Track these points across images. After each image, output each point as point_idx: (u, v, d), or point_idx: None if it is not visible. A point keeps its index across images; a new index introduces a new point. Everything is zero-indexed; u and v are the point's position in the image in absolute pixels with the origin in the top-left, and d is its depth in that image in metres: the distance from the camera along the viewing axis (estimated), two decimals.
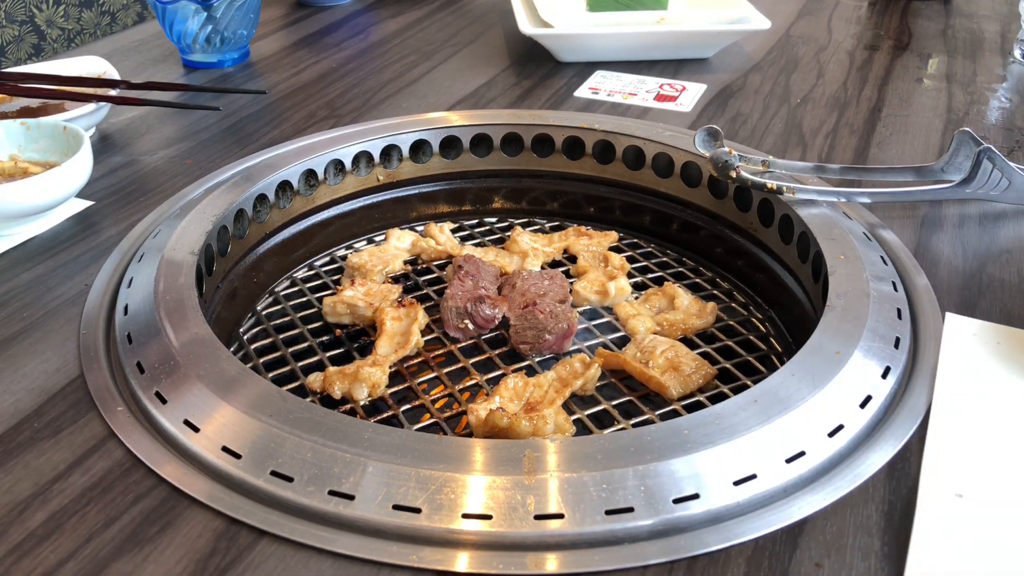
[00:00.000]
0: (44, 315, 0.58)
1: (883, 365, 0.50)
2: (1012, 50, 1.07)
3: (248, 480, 0.43)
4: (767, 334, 0.66)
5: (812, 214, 0.63)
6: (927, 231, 0.66)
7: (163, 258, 0.58)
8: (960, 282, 0.60)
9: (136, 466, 0.45)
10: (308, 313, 0.66)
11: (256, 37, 1.11)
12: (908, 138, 0.83)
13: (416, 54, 1.06)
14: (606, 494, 0.40)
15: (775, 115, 0.87)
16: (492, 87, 0.94)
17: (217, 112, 0.87)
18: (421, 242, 0.73)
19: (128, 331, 0.54)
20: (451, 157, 0.80)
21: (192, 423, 0.46)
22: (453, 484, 0.41)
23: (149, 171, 0.77)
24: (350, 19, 1.21)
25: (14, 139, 0.73)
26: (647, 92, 0.92)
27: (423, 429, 0.53)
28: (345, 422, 0.44)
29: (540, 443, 0.43)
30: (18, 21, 1.55)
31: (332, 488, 0.41)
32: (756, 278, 0.70)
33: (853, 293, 0.54)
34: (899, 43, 1.10)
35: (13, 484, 0.44)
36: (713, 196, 0.73)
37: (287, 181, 0.71)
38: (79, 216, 0.70)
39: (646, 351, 0.58)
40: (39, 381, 0.52)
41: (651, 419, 0.53)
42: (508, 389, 0.55)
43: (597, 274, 0.68)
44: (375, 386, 0.55)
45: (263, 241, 0.71)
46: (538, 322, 0.60)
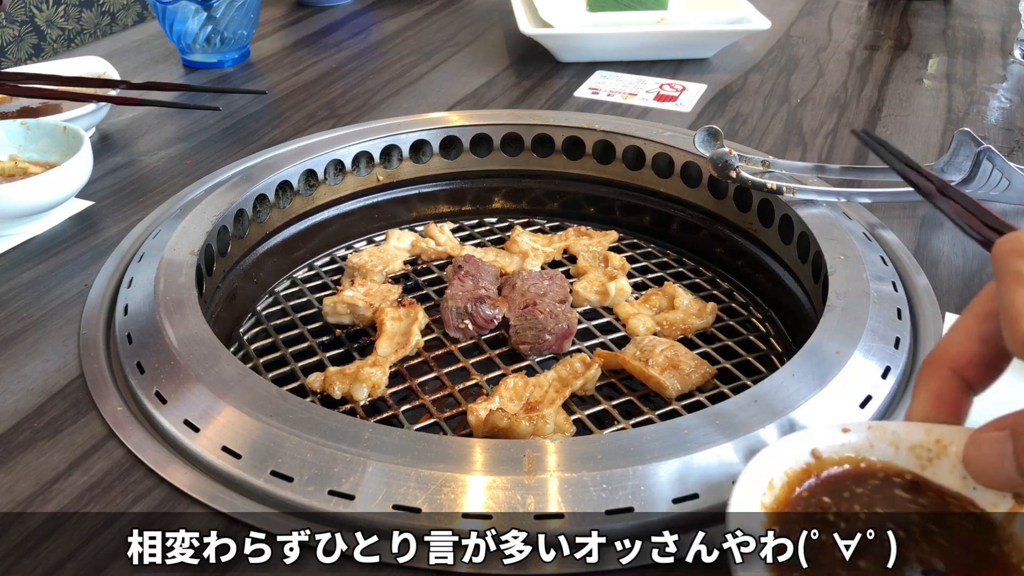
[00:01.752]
0: (44, 315, 0.58)
1: (883, 365, 0.50)
2: (1012, 50, 1.07)
3: (248, 480, 0.43)
4: (767, 334, 0.66)
5: (812, 214, 0.63)
6: (927, 231, 0.66)
7: (163, 258, 0.58)
8: (960, 282, 0.60)
9: (136, 466, 0.45)
10: (308, 313, 0.66)
11: (256, 37, 1.11)
12: (908, 138, 0.83)
13: (416, 54, 1.06)
14: (606, 494, 0.40)
15: (775, 115, 0.87)
16: (492, 87, 0.94)
17: (217, 112, 0.87)
18: (421, 242, 0.73)
19: (128, 331, 0.54)
20: (451, 157, 0.80)
21: (192, 423, 0.46)
22: (453, 484, 0.41)
23: (149, 171, 0.77)
24: (350, 19, 1.21)
25: (14, 139, 0.73)
26: (647, 92, 0.92)
27: (423, 429, 0.53)
28: (345, 422, 0.44)
29: (540, 443, 0.43)
30: (18, 21, 1.55)
31: (332, 488, 0.41)
32: (756, 278, 0.70)
33: (853, 293, 0.54)
34: (899, 43, 1.10)
35: (13, 484, 0.44)
36: (713, 196, 0.73)
37: (287, 181, 0.71)
38: (79, 216, 0.70)
39: (645, 351, 0.58)
40: (39, 381, 0.52)
41: (651, 419, 0.53)
42: (508, 389, 0.55)
43: (597, 274, 0.68)
44: (375, 386, 0.55)
45: (263, 241, 0.71)
46: (538, 322, 0.60)
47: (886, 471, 0.38)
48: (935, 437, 0.37)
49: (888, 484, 0.37)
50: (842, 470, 0.38)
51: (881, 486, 0.37)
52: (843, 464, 0.38)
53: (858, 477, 0.37)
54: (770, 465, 0.37)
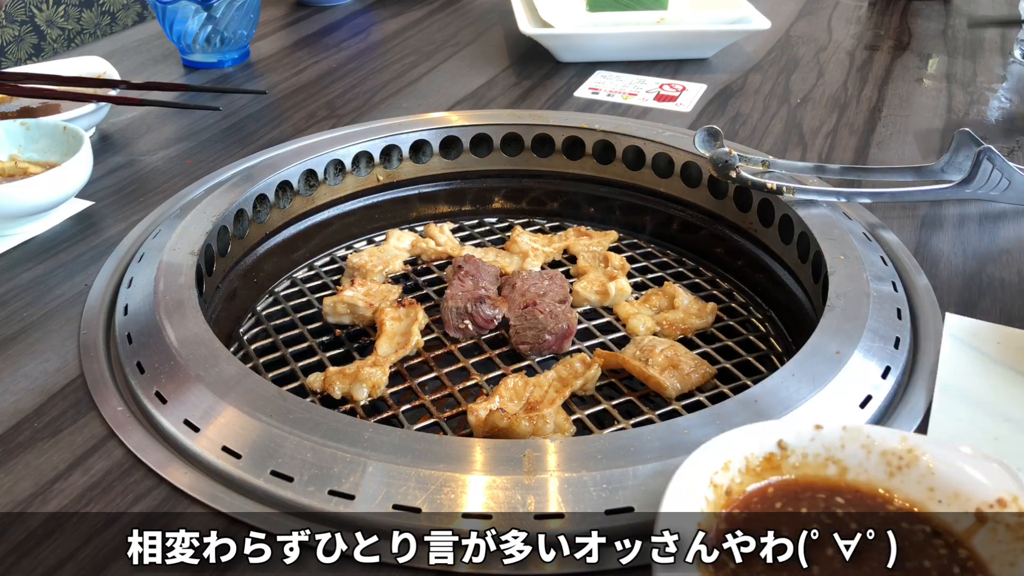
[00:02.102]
0: (44, 315, 0.58)
1: (883, 365, 0.50)
2: (1012, 50, 1.07)
3: (248, 480, 0.43)
4: (767, 334, 0.66)
5: (812, 214, 0.63)
6: (927, 231, 0.66)
7: (163, 258, 0.58)
8: (960, 282, 0.60)
9: (136, 466, 0.45)
10: (308, 313, 0.66)
11: (256, 37, 1.11)
12: (908, 138, 0.83)
13: (416, 54, 1.06)
14: (606, 494, 0.40)
15: (775, 115, 0.87)
16: (492, 87, 0.94)
17: (217, 112, 0.87)
18: (421, 242, 0.73)
19: (128, 331, 0.54)
20: (451, 157, 0.80)
21: (192, 423, 0.46)
22: (453, 484, 0.41)
23: (149, 171, 0.77)
24: (350, 19, 1.21)
25: (14, 139, 0.73)
26: (647, 92, 0.92)
27: (423, 429, 0.53)
28: (345, 422, 0.44)
29: (540, 443, 0.43)
30: (18, 21, 1.55)
31: (332, 488, 0.41)
32: (756, 278, 0.70)
33: (853, 293, 0.54)
34: (899, 43, 1.10)
35: (13, 484, 0.44)
36: (713, 196, 0.73)
37: (287, 181, 0.71)
38: (79, 216, 0.70)
39: (645, 351, 0.58)
40: (39, 381, 0.52)
41: (651, 419, 0.53)
42: (508, 389, 0.55)
43: (597, 274, 0.68)
44: (375, 386, 0.55)
45: (263, 241, 0.71)
46: (538, 322, 0.60)
47: (856, 485, 0.37)
48: (909, 446, 0.37)
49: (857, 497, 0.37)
50: (806, 477, 0.37)
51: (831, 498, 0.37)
52: (815, 466, 0.37)
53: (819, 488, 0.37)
54: (733, 447, 0.37)
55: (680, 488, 0.35)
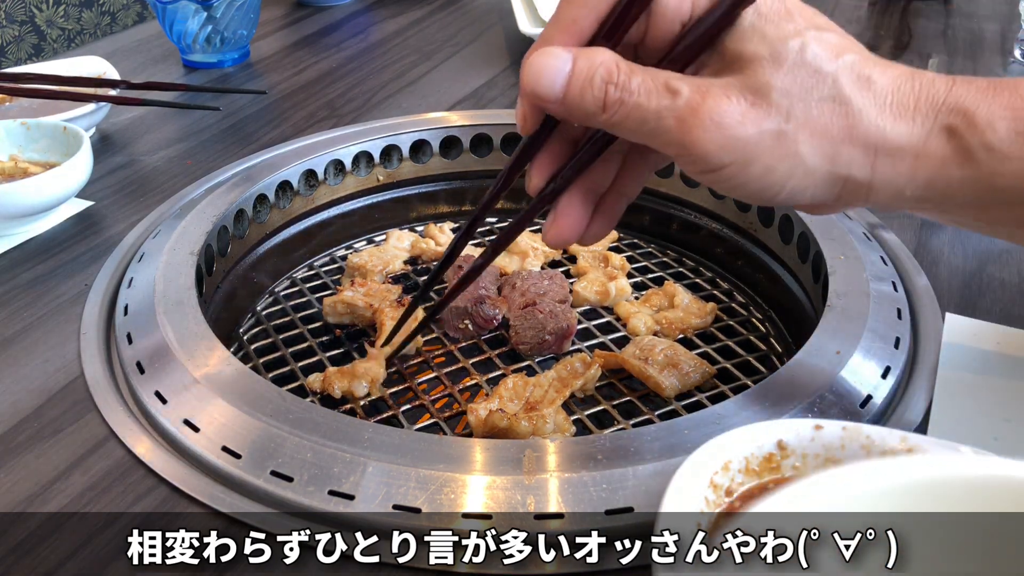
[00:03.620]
0: (44, 315, 0.58)
1: (883, 365, 0.50)
2: (1012, 50, 1.07)
3: (248, 480, 0.43)
4: (767, 334, 0.66)
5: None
6: (927, 231, 0.66)
7: (163, 258, 0.58)
8: (960, 282, 0.60)
9: (136, 466, 0.45)
10: (308, 313, 0.66)
11: (256, 37, 1.11)
12: None
13: (416, 54, 1.06)
14: (606, 494, 0.40)
15: None
16: (492, 87, 0.94)
17: (217, 112, 0.87)
18: (421, 242, 0.73)
19: (128, 331, 0.54)
20: (451, 157, 0.80)
21: (192, 423, 0.46)
22: (453, 484, 0.41)
23: (149, 171, 0.77)
24: (350, 19, 1.21)
25: (14, 139, 0.73)
26: None
27: (423, 429, 0.53)
28: (345, 422, 0.44)
29: (540, 443, 0.43)
30: (18, 21, 1.55)
31: (332, 488, 0.41)
32: (756, 278, 0.70)
33: (853, 293, 0.54)
34: (899, 43, 1.10)
35: (13, 484, 0.44)
36: (713, 196, 0.73)
37: (287, 181, 0.71)
38: (79, 216, 0.70)
39: (645, 350, 0.58)
40: (39, 381, 0.52)
41: (651, 419, 0.53)
42: (508, 389, 0.55)
43: (597, 274, 0.68)
44: (374, 381, 0.55)
45: (263, 241, 0.71)
46: (538, 322, 0.60)
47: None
48: (909, 446, 0.37)
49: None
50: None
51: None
52: (815, 466, 0.37)
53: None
54: (733, 448, 0.37)
55: (680, 488, 0.35)
